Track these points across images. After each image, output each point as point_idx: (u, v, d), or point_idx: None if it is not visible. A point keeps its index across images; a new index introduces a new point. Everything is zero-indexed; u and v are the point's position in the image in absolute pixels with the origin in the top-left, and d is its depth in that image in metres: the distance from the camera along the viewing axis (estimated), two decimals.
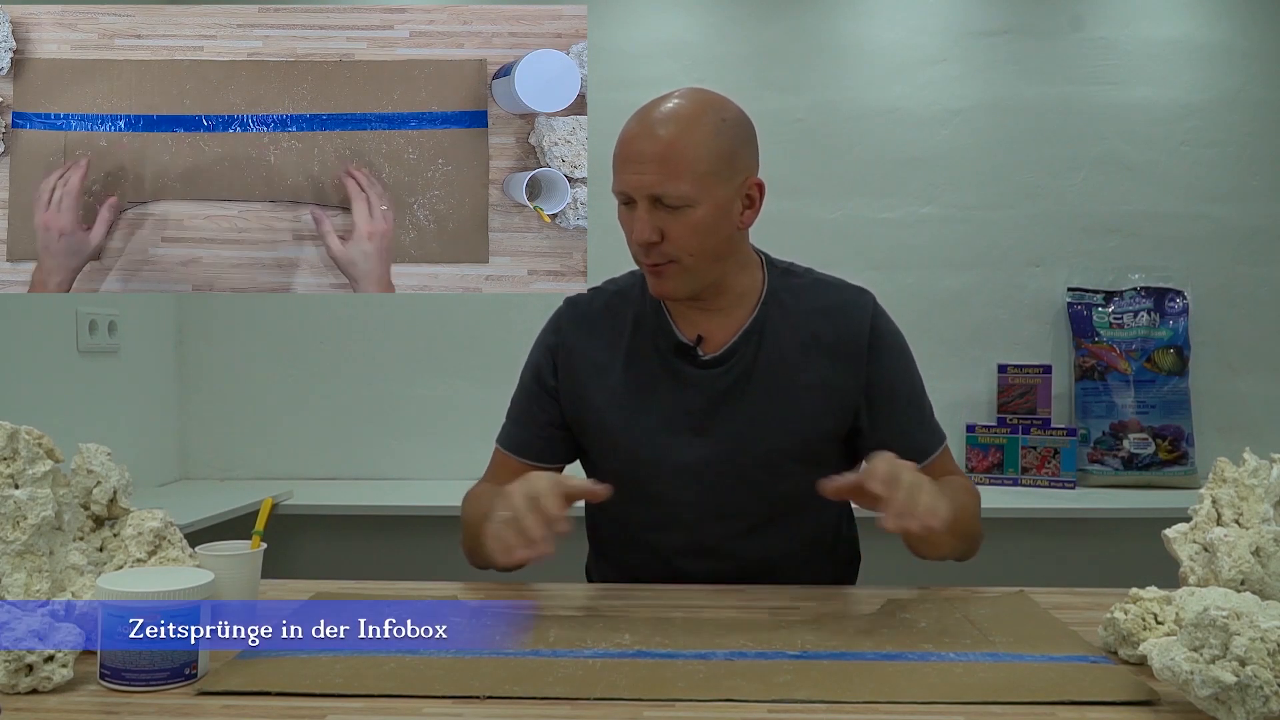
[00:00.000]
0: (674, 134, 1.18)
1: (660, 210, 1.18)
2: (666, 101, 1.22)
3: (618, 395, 1.29)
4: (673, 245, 1.19)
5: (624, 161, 1.20)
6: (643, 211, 1.18)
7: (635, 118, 1.23)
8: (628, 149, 1.20)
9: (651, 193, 1.17)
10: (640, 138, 1.19)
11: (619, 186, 1.21)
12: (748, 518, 1.28)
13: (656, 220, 1.18)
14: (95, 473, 0.98)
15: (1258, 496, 0.98)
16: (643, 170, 1.17)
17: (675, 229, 1.19)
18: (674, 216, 1.18)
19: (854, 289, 1.35)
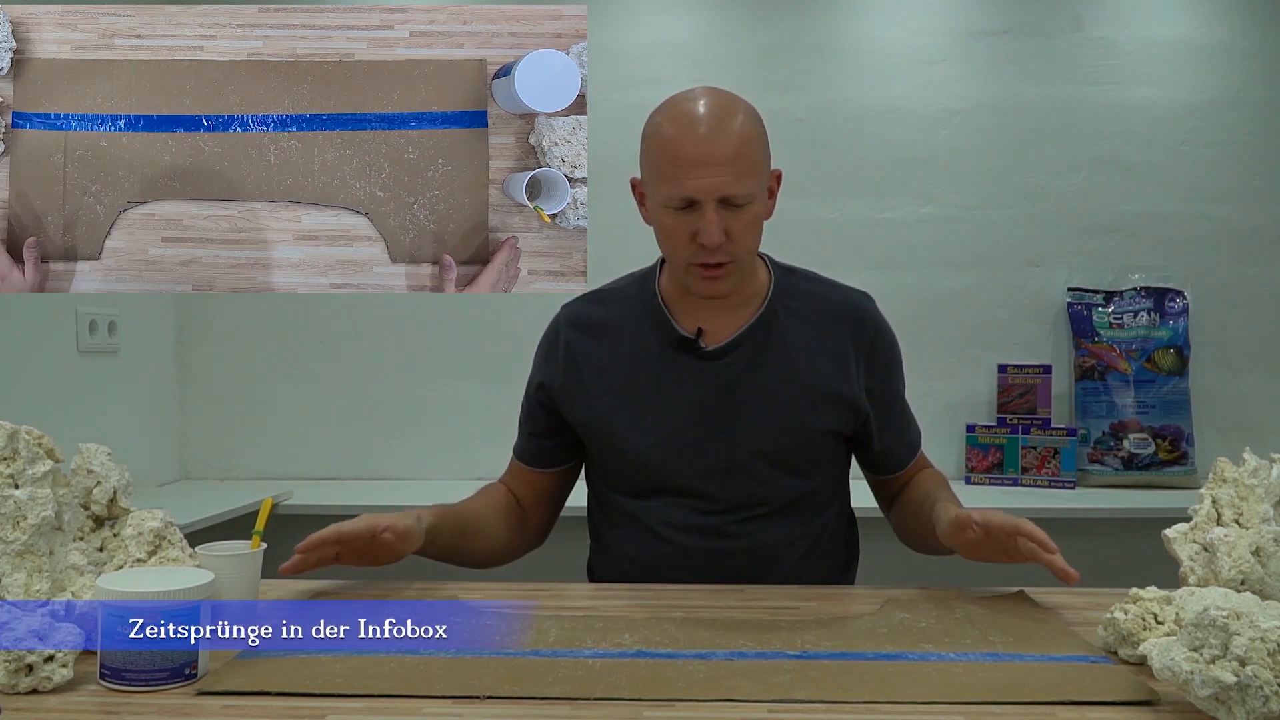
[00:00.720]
0: (737, 133, 1.18)
1: (724, 210, 1.18)
2: (705, 100, 1.21)
3: (623, 392, 1.31)
4: (734, 244, 1.20)
5: (689, 165, 1.16)
6: (712, 214, 1.17)
7: (678, 121, 1.19)
8: (692, 152, 1.16)
9: (724, 194, 1.17)
10: (706, 140, 1.17)
11: (683, 191, 1.17)
12: (751, 509, 1.29)
13: (723, 221, 1.18)
14: (95, 473, 0.98)
15: (1258, 496, 0.98)
16: (715, 173, 1.16)
17: (737, 227, 1.19)
18: (735, 215, 1.19)
19: (857, 292, 1.38)
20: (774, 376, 1.29)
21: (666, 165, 1.19)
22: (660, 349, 1.31)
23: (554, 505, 1.44)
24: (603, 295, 1.39)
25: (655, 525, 1.30)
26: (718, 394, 1.29)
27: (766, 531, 1.29)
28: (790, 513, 1.31)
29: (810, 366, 1.30)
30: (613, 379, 1.32)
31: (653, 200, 1.23)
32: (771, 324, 1.31)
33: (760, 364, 1.30)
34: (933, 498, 1.27)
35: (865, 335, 1.33)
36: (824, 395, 1.29)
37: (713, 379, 1.29)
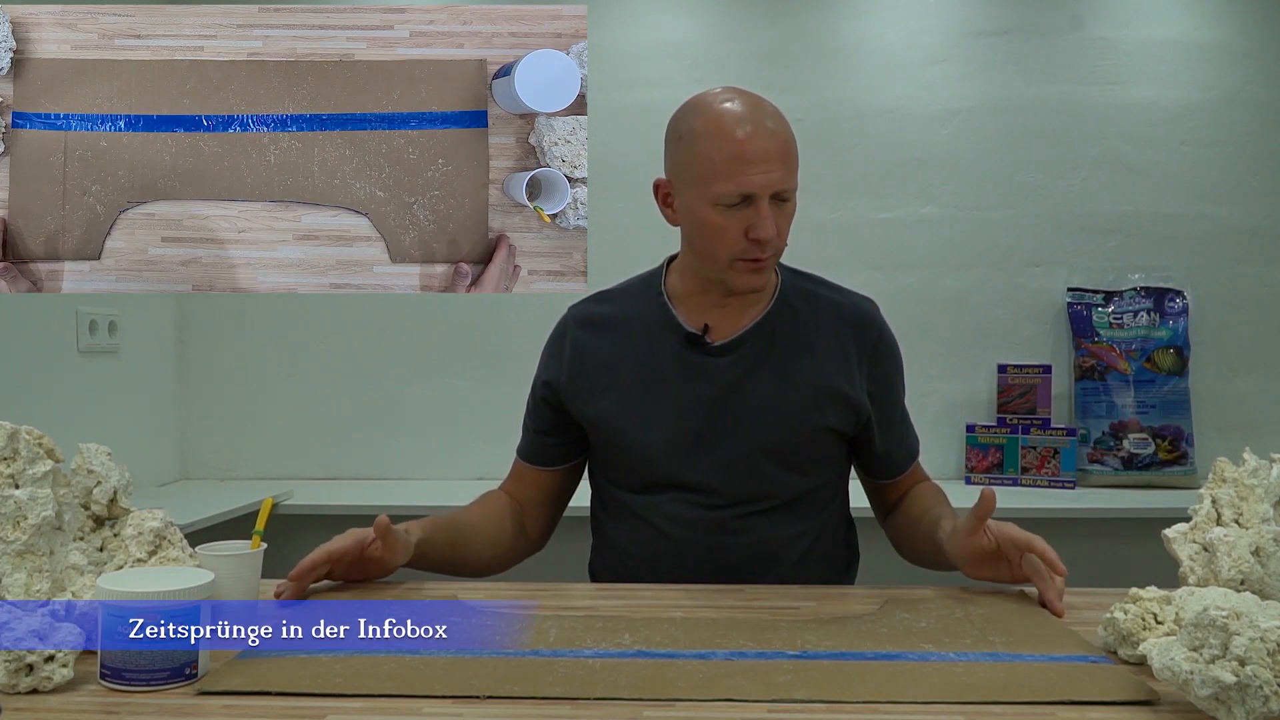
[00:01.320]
0: (784, 129, 1.23)
1: (773, 205, 1.21)
2: (744, 100, 1.24)
3: (629, 388, 1.32)
4: (780, 239, 1.24)
5: (745, 163, 1.19)
6: (767, 209, 1.20)
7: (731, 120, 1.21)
8: (748, 150, 1.19)
9: (779, 189, 1.21)
10: (762, 137, 1.20)
11: (742, 188, 1.19)
12: (753, 504, 1.30)
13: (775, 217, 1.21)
14: (95, 473, 0.98)
15: (1258, 496, 0.98)
16: (771, 168, 1.19)
17: (783, 221, 1.24)
18: (782, 209, 1.23)
19: (862, 297, 1.40)
20: (778, 374, 1.30)
21: (723, 164, 1.20)
22: (666, 345, 1.32)
23: (556, 506, 1.44)
24: (609, 294, 1.41)
25: (657, 520, 1.30)
26: (723, 390, 1.30)
27: (767, 528, 1.30)
28: (791, 509, 1.31)
29: (814, 365, 1.31)
30: (619, 374, 1.33)
31: (697, 200, 1.23)
32: (777, 322, 1.32)
33: (765, 361, 1.30)
34: (935, 512, 1.27)
35: (869, 339, 1.34)
36: (827, 394, 1.30)
37: (718, 375, 1.30)
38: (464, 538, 1.30)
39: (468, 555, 1.30)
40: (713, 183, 1.20)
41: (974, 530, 1.11)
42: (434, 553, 1.24)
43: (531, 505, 1.42)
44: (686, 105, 1.28)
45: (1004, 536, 1.10)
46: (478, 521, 1.34)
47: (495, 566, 1.35)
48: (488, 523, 1.35)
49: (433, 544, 1.24)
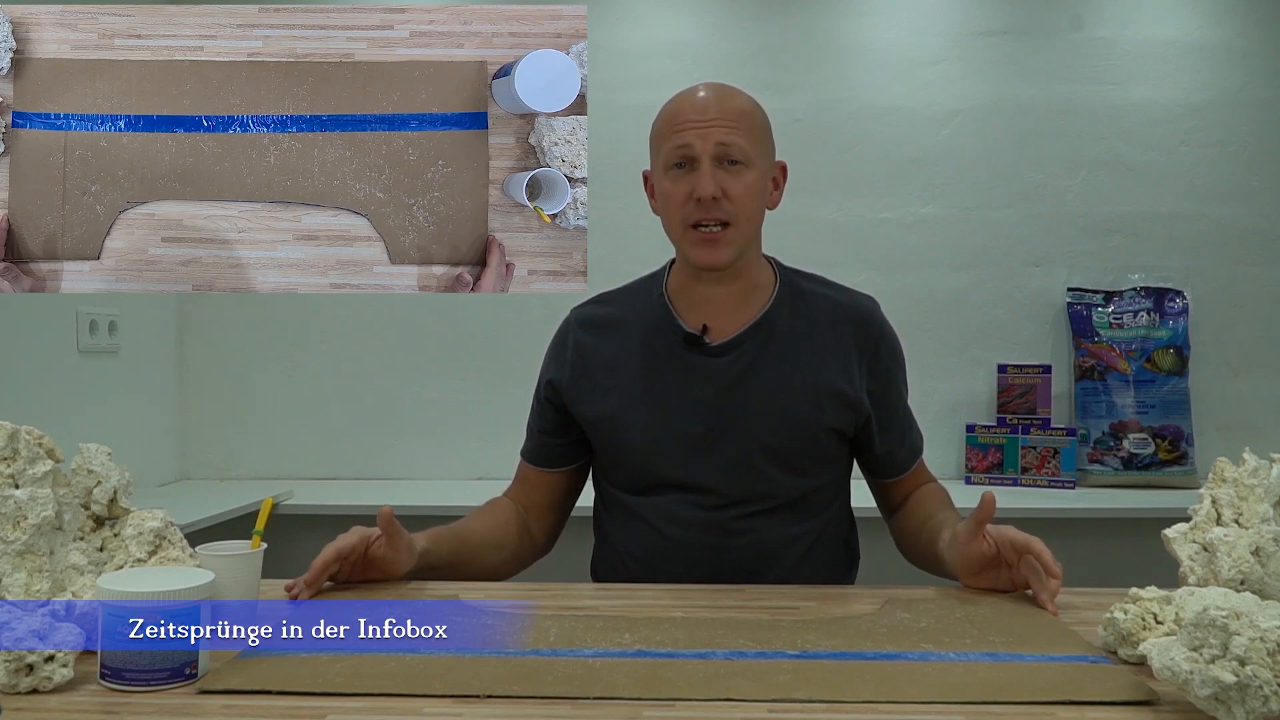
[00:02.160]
0: (732, 95, 1.25)
1: (720, 170, 1.22)
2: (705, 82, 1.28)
3: (629, 388, 1.32)
4: (732, 204, 1.23)
5: (684, 122, 1.23)
6: (707, 169, 1.21)
7: (680, 95, 1.27)
8: (687, 109, 1.23)
9: (719, 142, 1.22)
10: (698, 102, 1.24)
11: (676, 145, 1.23)
12: (753, 504, 1.30)
13: (719, 178, 1.22)
14: (95, 473, 0.98)
15: (1257, 496, 0.98)
16: (709, 126, 1.22)
17: (734, 188, 1.23)
18: (733, 175, 1.23)
19: (862, 295, 1.40)
20: (778, 373, 1.30)
21: (665, 126, 1.25)
22: (665, 345, 1.32)
23: (562, 509, 1.44)
24: (611, 296, 1.42)
25: (657, 521, 1.30)
26: (722, 390, 1.30)
27: (768, 528, 1.30)
28: (792, 510, 1.31)
29: (814, 365, 1.31)
30: (620, 375, 1.33)
31: (657, 174, 1.28)
32: (776, 322, 1.32)
33: (764, 361, 1.30)
34: (936, 520, 1.27)
35: (869, 338, 1.34)
36: (827, 393, 1.30)
37: (717, 375, 1.30)
38: (468, 547, 1.29)
39: (472, 564, 1.29)
40: (661, 149, 1.25)
41: (974, 535, 1.12)
42: (438, 562, 1.23)
43: (537, 508, 1.41)
44: None
45: (1003, 539, 1.10)
46: (481, 530, 1.33)
47: (500, 574, 1.34)
48: (491, 530, 1.34)
49: (437, 554, 1.23)
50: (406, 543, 1.17)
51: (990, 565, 1.13)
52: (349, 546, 1.13)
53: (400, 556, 1.17)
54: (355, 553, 1.13)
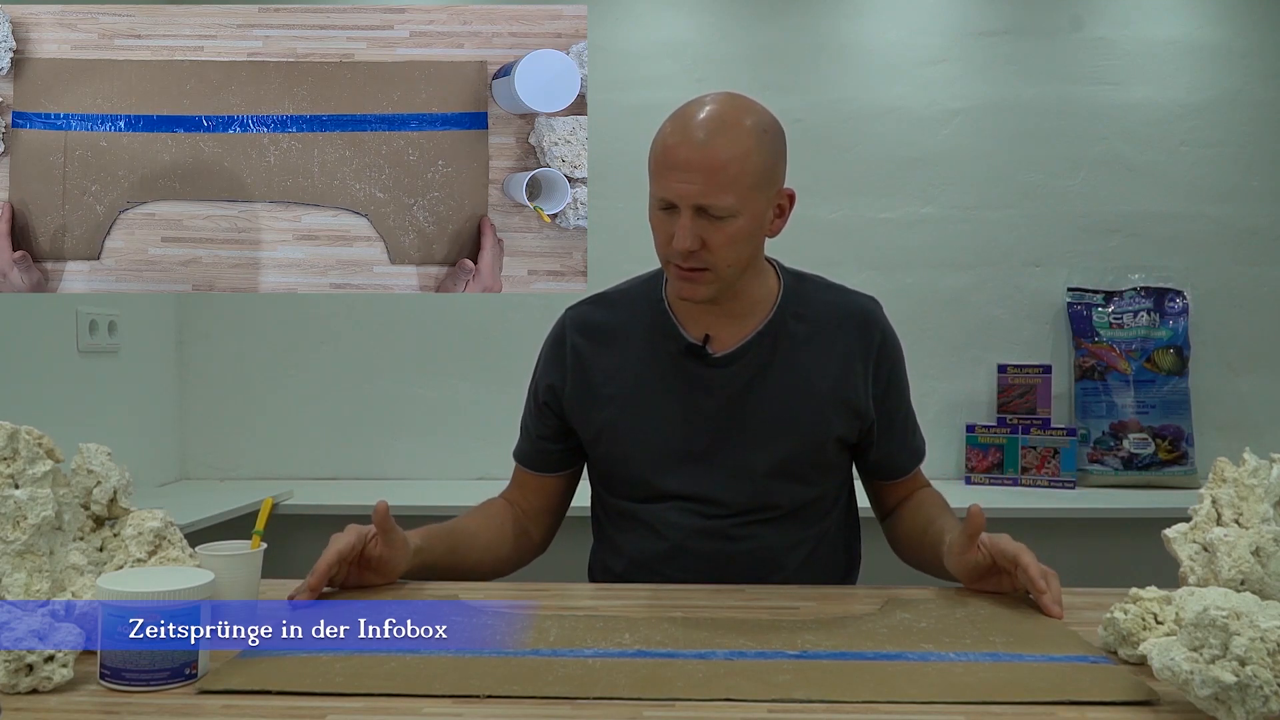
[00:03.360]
0: (721, 146, 1.16)
1: (702, 219, 1.17)
2: (707, 109, 1.19)
3: (630, 399, 1.31)
4: (711, 254, 1.19)
5: (668, 169, 1.17)
6: (686, 220, 1.17)
7: (677, 124, 1.19)
8: (672, 156, 1.17)
9: (697, 202, 1.16)
10: (687, 146, 1.16)
11: (661, 193, 1.19)
12: (756, 513, 1.29)
13: (698, 229, 1.17)
14: (95, 473, 0.98)
15: (1258, 496, 0.98)
16: (690, 180, 1.16)
17: (715, 238, 1.18)
18: (715, 226, 1.18)
19: (865, 297, 1.38)
20: (782, 384, 1.29)
21: (654, 163, 1.20)
22: (667, 356, 1.31)
23: (559, 510, 1.43)
24: (608, 298, 1.39)
25: (659, 527, 1.30)
26: (725, 401, 1.29)
27: (770, 536, 1.29)
28: (794, 518, 1.31)
29: (818, 373, 1.30)
30: (620, 385, 1.31)
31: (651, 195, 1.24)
32: (780, 331, 1.31)
33: (768, 372, 1.29)
34: (938, 523, 1.27)
35: (872, 340, 1.33)
36: (832, 402, 1.29)
37: (720, 386, 1.29)
38: (462, 544, 1.28)
39: (466, 561, 1.28)
40: (651, 179, 1.21)
41: (967, 547, 1.12)
42: (431, 559, 1.22)
43: (534, 511, 1.40)
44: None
45: (996, 550, 1.10)
46: (475, 528, 1.33)
47: (496, 572, 1.34)
48: (485, 529, 1.33)
49: (430, 550, 1.22)
50: (402, 540, 1.16)
51: (989, 573, 1.13)
52: (349, 546, 1.12)
53: (396, 554, 1.16)
54: (354, 551, 1.13)
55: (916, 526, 1.32)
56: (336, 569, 1.11)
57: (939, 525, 1.26)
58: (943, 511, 1.33)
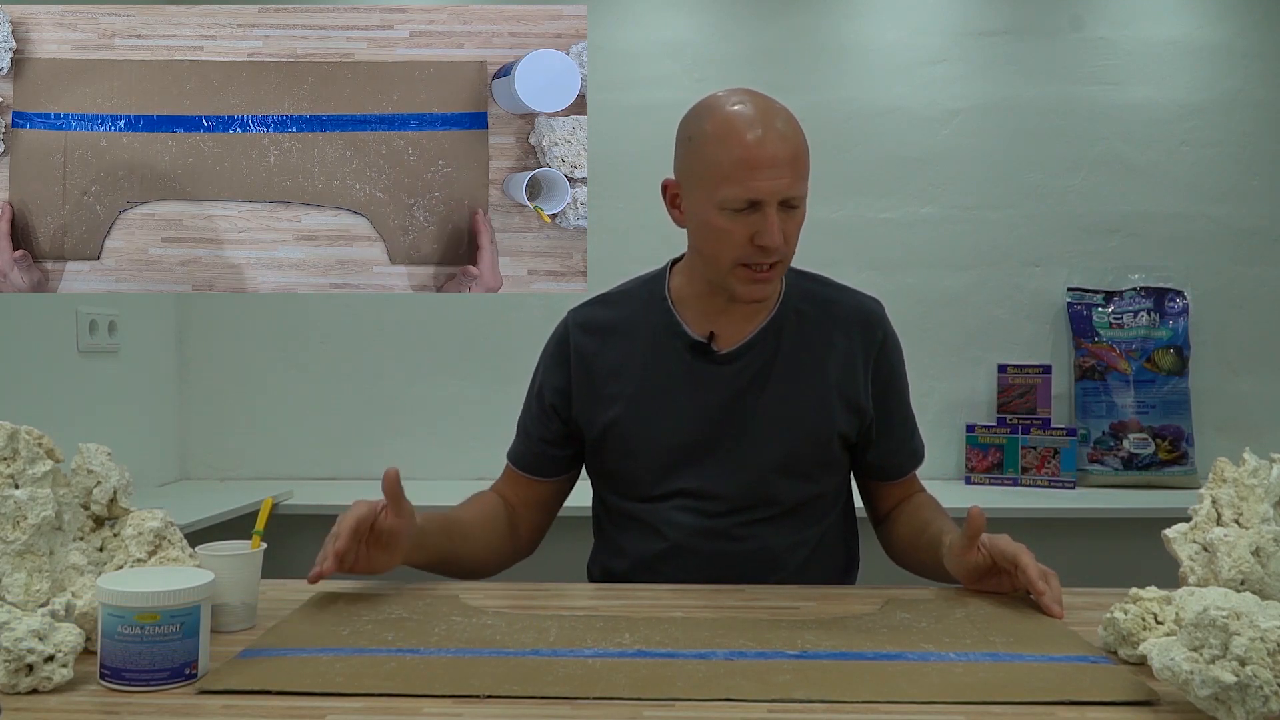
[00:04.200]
0: (795, 135, 1.19)
1: (782, 212, 1.19)
2: (756, 103, 1.20)
3: (635, 396, 1.30)
4: (787, 246, 1.21)
5: (755, 168, 1.16)
6: (774, 216, 1.17)
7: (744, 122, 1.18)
8: (758, 154, 1.16)
9: (788, 194, 1.17)
10: (771, 142, 1.17)
11: (749, 193, 1.17)
12: (756, 511, 1.29)
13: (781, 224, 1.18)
14: (95, 473, 0.98)
15: (1258, 496, 0.98)
16: (779, 175, 1.16)
17: (790, 229, 1.20)
18: (790, 216, 1.20)
19: (868, 298, 1.38)
20: (785, 380, 1.29)
21: (731, 167, 1.17)
22: (672, 353, 1.31)
23: (551, 513, 1.42)
24: (611, 298, 1.39)
25: (659, 526, 1.30)
26: (730, 399, 1.29)
27: (770, 535, 1.29)
28: (795, 516, 1.31)
29: (821, 371, 1.30)
30: (624, 383, 1.31)
31: (704, 203, 1.21)
32: (783, 328, 1.31)
33: (772, 368, 1.30)
34: (935, 525, 1.27)
35: (874, 340, 1.33)
36: (834, 400, 1.30)
37: (725, 384, 1.29)
38: (459, 533, 1.28)
39: (462, 552, 1.27)
40: (720, 187, 1.18)
41: (967, 548, 1.12)
42: (430, 543, 1.21)
43: (526, 513, 1.39)
44: (697, 106, 1.25)
45: (995, 550, 1.10)
46: (473, 520, 1.32)
47: (488, 569, 1.33)
48: (482, 522, 1.33)
49: (429, 534, 1.21)
50: (410, 510, 1.15)
51: (988, 574, 1.13)
52: (361, 519, 1.10)
53: (406, 525, 1.14)
54: (368, 523, 1.11)
55: (913, 529, 1.32)
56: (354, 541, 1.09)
57: (936, 527, 1.26)
58: (939, 514, 1.33)
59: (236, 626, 0.99)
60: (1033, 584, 1.06)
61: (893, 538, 1.38)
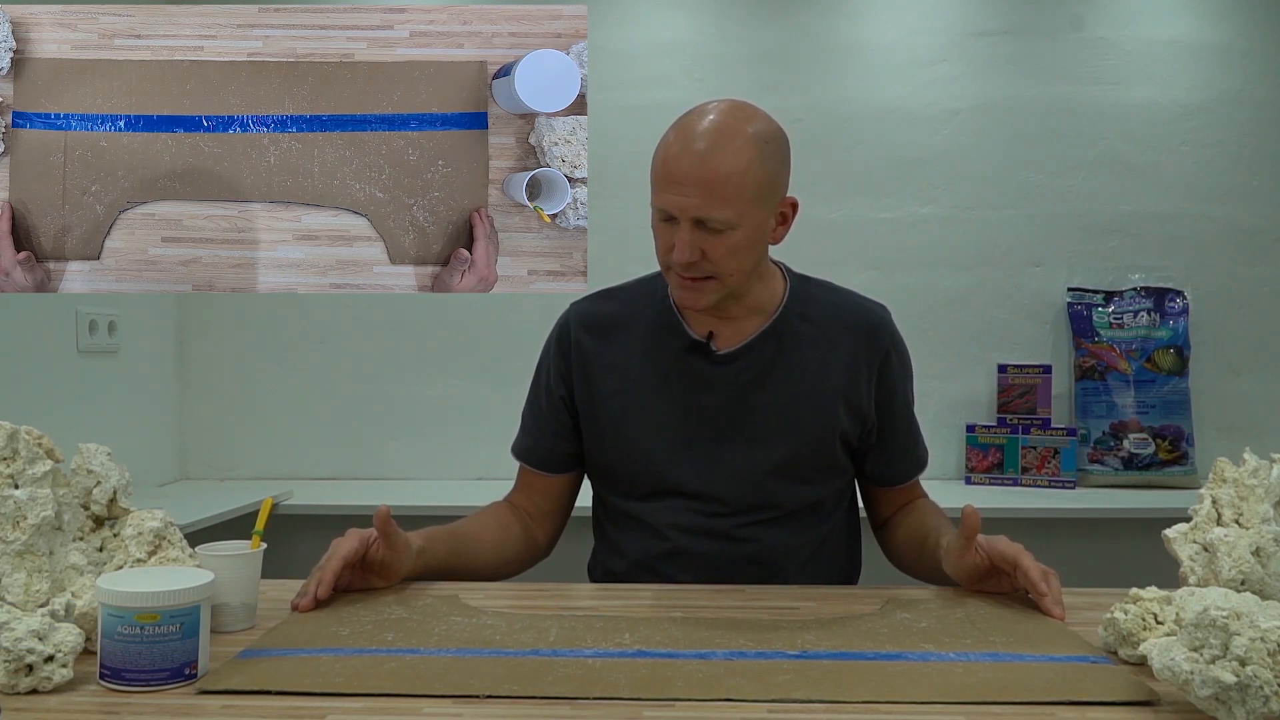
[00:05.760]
0: (721, 160, 1.15)
1: (701, 230, 1.18)
2: (709, 119, 1.18)
3: (633, 393, 1.31)
4: (711, 264, 1.20)
5: (667, 182, 1.17)
6: (685, 232, 1.17)
7: (678, 134, 1.18)
8: (671, 169, 1.16)
9: (695, 215, 1.16)
10: (686, 159, 1.16)
11: (659, 203, 1.19)
12: (757, 513, 1.29)
13: (697, 240, 1.18)
14: (95, 473, 0.98)
15: (1258, 496, 0.98)
16: (688, 194, 1.16)
17: (715, 249, 1.19)
18: (714, 237, 1.18)
19: (875, 304, 1.38)
20: (785, 382, 1.29)
21: (654, 175, 1.20)
22: (671, 351, 1.31)
23: (564, 511, 1.42)
24: (612, 293, 1.39)
25: (660, 526, 1.30)
26: (728, 399, 1.29)
27: (771, 537, 1.29)
28: (796, 520, 1.30)
29: (822, 374, 1.30)
30: (623, 379, 1.32)
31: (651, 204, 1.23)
32: (784, 331, 1.31)
33: (771, 370, 1.29)
34: (936, 529, 1.27)
35: (879, 347, 1.33)
36: (834, 403, 1.29)
37: (723, 384, 1.29)
38: (465, 546, 1.27)
39: (469, 564, 1.27)
40: (652, 190, 1.20)
41: (964, 550, 1.12)
42: (435, 561, 1.21)
43: (540, 513, 1.39)
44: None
45: (994, 552, 1.10)
46: (479, 530, 1.31)
47: (499, 574, 1.32)
48: (488, 530, 1.32)
49: (433, 553, 1.21)
50: (404, 543, 1.16)
51: (987, 575, 1.13)
52: (352, 552, 1.10)
53: (399, 558, 1.15)
54: (357, 556, 1.11)
55: (915, 533, 1.32)
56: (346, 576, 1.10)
57: (937, 531, 1.26)
58: (940, 518, 1.33)
59: (236, 626, 0.99)
60: (1034, 585, 1.06)
61: (892, 543, 1.38)
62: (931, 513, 1.36)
